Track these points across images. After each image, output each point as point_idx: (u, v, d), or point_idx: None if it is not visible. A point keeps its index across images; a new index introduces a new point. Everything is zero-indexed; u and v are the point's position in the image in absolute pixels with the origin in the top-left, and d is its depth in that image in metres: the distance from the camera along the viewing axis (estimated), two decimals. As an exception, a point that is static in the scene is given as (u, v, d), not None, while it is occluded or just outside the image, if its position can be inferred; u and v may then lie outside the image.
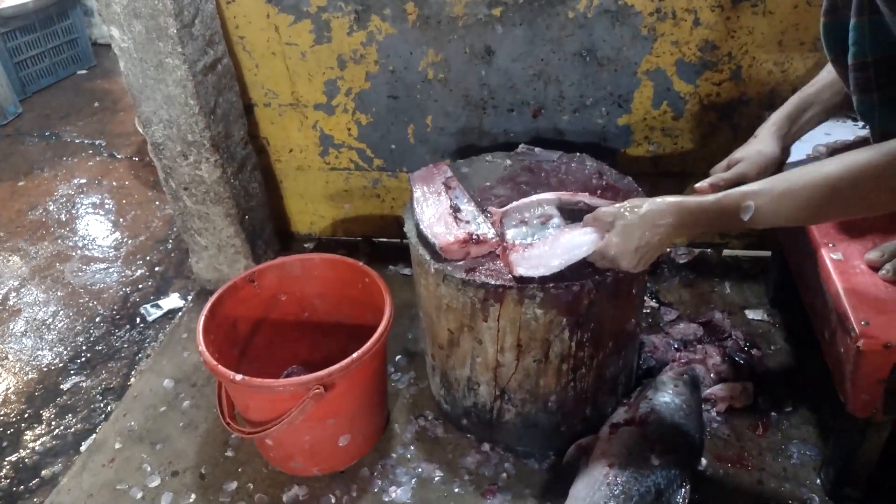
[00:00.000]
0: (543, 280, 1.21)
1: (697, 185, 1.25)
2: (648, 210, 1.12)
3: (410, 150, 1.90)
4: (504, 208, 1.38)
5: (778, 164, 1.28)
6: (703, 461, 1.41)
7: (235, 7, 1.72)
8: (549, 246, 1.26)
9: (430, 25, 1.66)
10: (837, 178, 0.95)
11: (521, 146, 1.65)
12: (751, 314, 1.77)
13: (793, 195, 1.00)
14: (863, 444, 1.22)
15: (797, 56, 1.57)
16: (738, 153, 1.31)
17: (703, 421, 1.46)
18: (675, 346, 1.67)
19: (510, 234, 1.32)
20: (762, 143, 1.29)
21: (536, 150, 1.62)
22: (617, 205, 1.18)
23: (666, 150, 1.77)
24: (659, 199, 1.13)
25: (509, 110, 1.76)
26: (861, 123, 1.52)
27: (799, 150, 1.46)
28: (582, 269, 1.22)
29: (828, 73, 1.30)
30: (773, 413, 1.50)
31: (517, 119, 1.78)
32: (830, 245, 1.23)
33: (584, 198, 1.38)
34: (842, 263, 1.19)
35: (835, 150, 1.41)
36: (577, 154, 1.59)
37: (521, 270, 1.22)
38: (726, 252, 1.96)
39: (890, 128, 1.08)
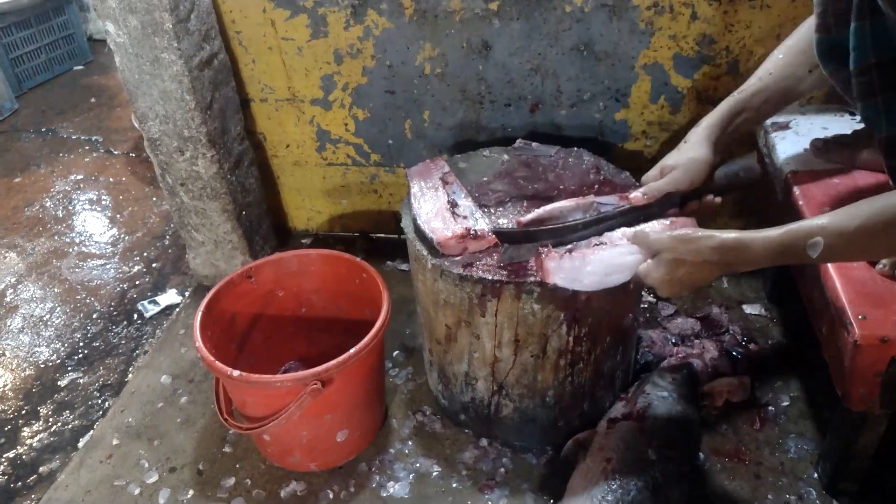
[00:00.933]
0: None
1: (631, 195, 1.25)
2: (702, 247, 1.06)
3: (408, 146, 1.89)
4: (527, 217, 1.30)
5: (711, 169, 1.26)
6: (701, 455, 1.42)
7: (231, 2, 1.71)
8: (587, 260, 1.20)
9: (427, 20, 1.65)
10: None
11: (518, 141, 1.64)
12: (748, 309, 1.77)
13: (867, 232, 0.94)
14: (859, 438, 1.23)
15: (795, 50, 1.56)
16: (670, 160, 1.28)
17: (701, 415, 1.46)
18: (673, 340, 1.67)
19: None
20: (694, 149, 1.26)
21: (534, 144, 1.62)
22: (668, 233, 1.12)
23: (664, 144, 1.77)
24: (716, 235, 1.06)
25: (507, 105, 1.76)
26: (858, 118, 1.52)
27: (795, 144, 1.46)
28: None
29: (757, 80, 1.28)
30: (770, 407, 1.51)
31: (515, 114, 1.77)
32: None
33: (613, 200, 1.31)
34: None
35: (829, 143, 1.40)
36: (575, 149, 1.58)
37: (557, 280, 1.19)
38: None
39: (895, 132, 1.06)
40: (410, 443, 1.50)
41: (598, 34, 1.61)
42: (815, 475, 1.36)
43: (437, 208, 1.36)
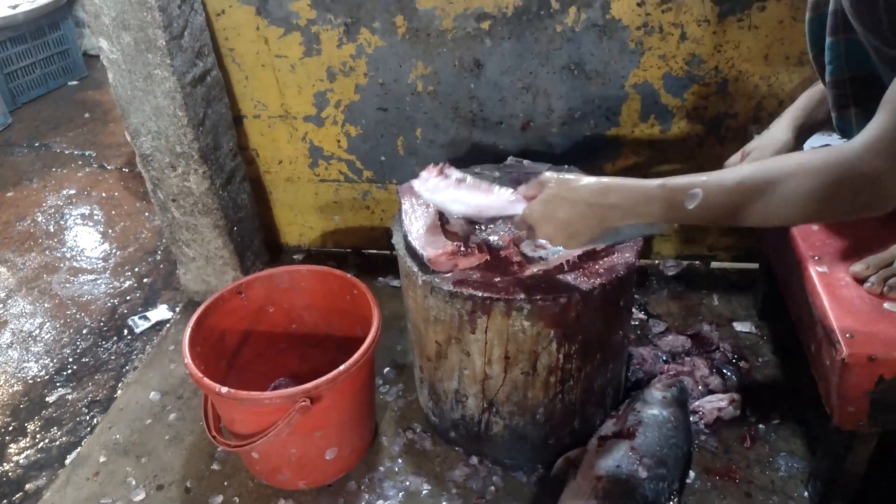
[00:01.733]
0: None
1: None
2: (577, 184, 1.04)
3: (400, 163, 1.90)
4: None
5: (789, 150, 1.26)
6: (692, 474, 1.41)
7: (225, 19, 1.72)
8: (472, 191, 1.24)
9: (419, 38, 1.67)
10: (796, 176, 0.89)
11: (509, 158, 1.65)
12: (739, 326, 1.77)
13: (746, 188, 0.92)
14: (849, 457, 1.22)
15: (783, 70, 1.58)
16: (751, 144, 1.30)
17: (692, 433, 1.46)
18: (664, 358, 1.67)
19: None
20: (775, 131, 1.28)
21: (525, 162, 1.63)
22: (555, 173, 1.09)
23: (654, 163, 1.78)
24: (595, 178, 1.05)
25: (498, 123, 1.77)
26: (846, 137, 1.54)
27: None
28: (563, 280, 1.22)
29: None
30: (760, 425, 1.51)
31: (506, 132, 1.78)
32: (816, 258, 1.23)
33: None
34: (827, 276, 1.20)
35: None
36: (566, 167, 1.59)
37: (421, 192, 1.28)
38: (714, 264, 1.97)
39: None
40: (400, 461, 1.50)
41: (588, 53, 1.62)
42: (806, 493, 1.36)
43: (427, 225, 1.36)
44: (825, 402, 1.17)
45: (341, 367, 1.27)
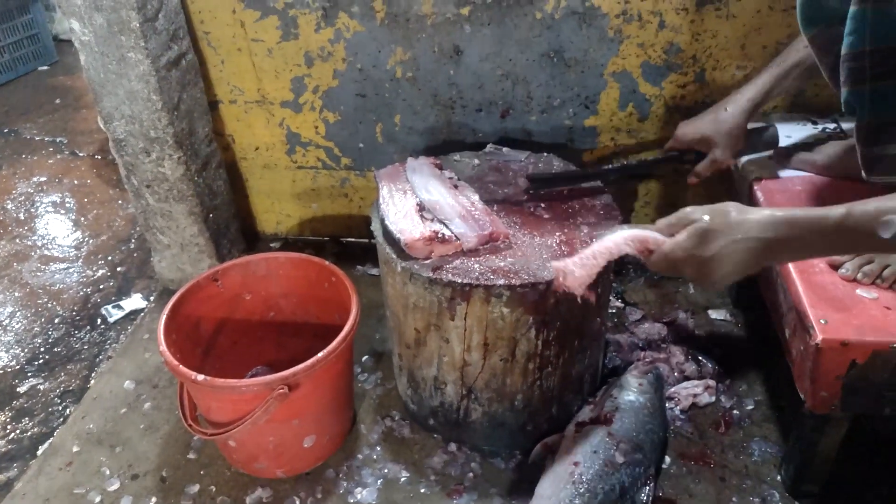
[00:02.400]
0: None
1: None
2: (747, 219, 0.93)
3: (379, 149, 1.89)
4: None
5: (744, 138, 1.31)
6: (667, 459, 1.43)
7: (201, 2, 1.69)
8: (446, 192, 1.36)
9: (398, 24, 1.65)
10: None
11: (489, 146, 1.65)
12: (713, 314, 1.79)
13: None
14: (821, 441, 1.25)
15: (760, 59, 1.60)
16: (707, 128, 1.38)
17: (667, 419, 1.48)
18: (640, 345, 1.68)
19: None
20: (732, 119, 1.34)
21: (504, 150, 1.63)
22: (708, 206, 0.98)
23: (631, 151, 1.79)
24: (762, 209, 0.94)
25: (478, 110, 1.77)
26: (821, 126, 1.55)
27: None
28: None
29: (796, 52, 1.34)
30: (735, 411, 1.53)
31: (485, 119, 1.78)
32: None
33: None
34: (801, 262, 1.21)
35: (795, 151, 1.43)
36: (545, 154, 1.60)
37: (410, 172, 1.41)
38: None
39: (878, 119, 1.06)
40: (379, 448, 1.49)
41: (568, 41, 1.62)
42: (779, 477, 1.38)
43: (405, 210, 1.35)
44: (798, 387, 1.19)
45: (319, 355, 1.26)
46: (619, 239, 1.06)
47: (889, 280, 1.14)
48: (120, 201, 2.57)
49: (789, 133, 1.53)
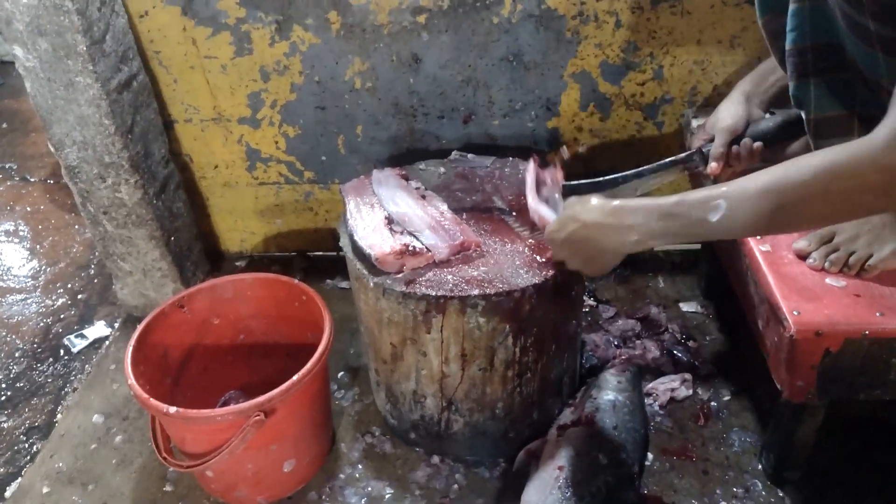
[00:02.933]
0: None
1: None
2: (591, 204, 1.04)
3: (342, 161, 1.86)
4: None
5: (745, 122, 1.27)
6: (650, 456, 1.43)
7: (149, 21, 1.65)
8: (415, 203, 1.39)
9: (354, 34, 1.63)
10: (819, 177, 0.87)
11: (454, 153, 1.64)
12: (685, 307, 1.81)
13: (770, 195, 0.90)
14: (799, 428, 1.26)
15: (715, 54, 1.61)
16: (709, 122, 1.31)
17: (647, 416, 1.48)
18: (615, 342, 1.69)
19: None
20: (728, 104, 1.29)
21: (469, 156, 1.62)
22: (577, 198, 1.10)
23: (595, 151, 1.80)
24: (612, 201, 1.04)
25: (440, 117, 1.75)
26: (780, 117, 1.57)
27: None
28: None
29: None
30: (712, 403, 1.54)
31: (448, 126, 1.77)
32: (758, 237, 1.26)
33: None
34: (770, 254, 1.22)
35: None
36: (510, 159, 1.59)
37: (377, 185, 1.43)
38: (659, 247, 2.00)
39: (823, 113, 1.08)
40: (361, 466, 1.47)
41: (526, 44, 1.62)
42: (760, 466, 1.40)
43: (373, 224, 1.33)
44: (774, 376, 1.20)
45: (295, 378, 1.23)
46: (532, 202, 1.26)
47: (855, 267, 1.15)
48: (76, 226, 2.50)
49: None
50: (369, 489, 1.42)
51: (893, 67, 0.94)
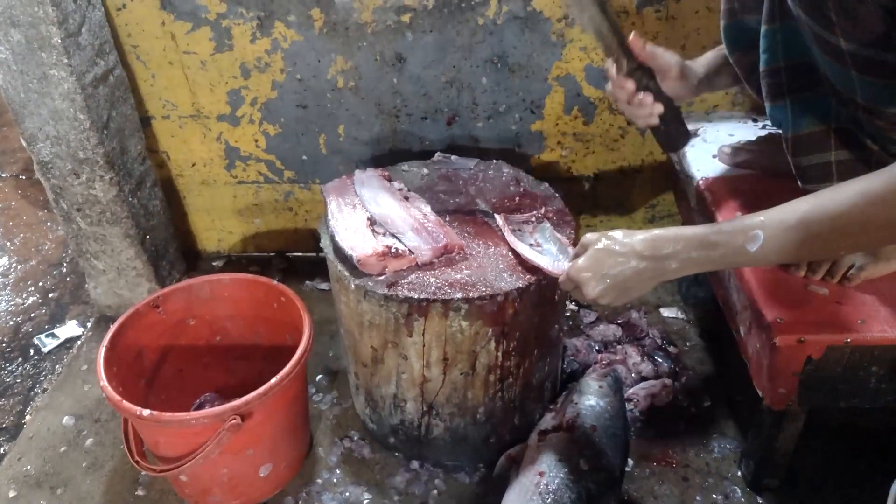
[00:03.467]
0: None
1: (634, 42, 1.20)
2: (630, 238, 1.01)
3: (323, 161, 1.84)
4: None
5: (677, 73, 1.25)
6: (630, 462, 1.43)
7: (126, 14, 1.61)
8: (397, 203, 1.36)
9: (337, 32, 1.61)
10: (858, 207, 0.86)
11: (437, 154, 1.62)
12: (666, 312, 1.81)
13: (809, 225, 0.89)
14: (779, 435, 1.26)
15: (699, 60, 1.61)
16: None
17: (628, 421, 1.48)
18: (597, 348, 1.69)
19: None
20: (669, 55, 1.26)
21: (453, 158, 1.60)
22: (600, 232, 1.06)
23: (578, 154, 1.79)
24: (644, 231, 1.01)
25: (423, 118, 1.74)
26: (761, 124, 1.58)
27: (704, 151, 1.50)
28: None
29: None
30: (693, 409, 1.54)
31: (432, 127, 1.75)
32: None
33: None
34: (753, 261, 1.22)
35: (736, 150, 1.45)
36: (494, 161, 1.58)
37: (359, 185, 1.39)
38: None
39: (800, 131, 1.11)
40: (339, 471, 1.45)
41: (511, 46, 1.61)
42: (740, 473, 1.40)
43: (355, 225, 1.31)
44: (756, 383, 1.20)
45: (272, 381, 1.21)
46: (526, 253, 1.24)
47: (838, 275, 1.16)
48: (49, 223, 2.44)
49: (732, 132, 1.55)
50: (347, 494, 1.39)
51: (869, 85, 0.95)
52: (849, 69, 0.96)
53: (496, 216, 1.37)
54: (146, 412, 1.17)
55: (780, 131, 1.14)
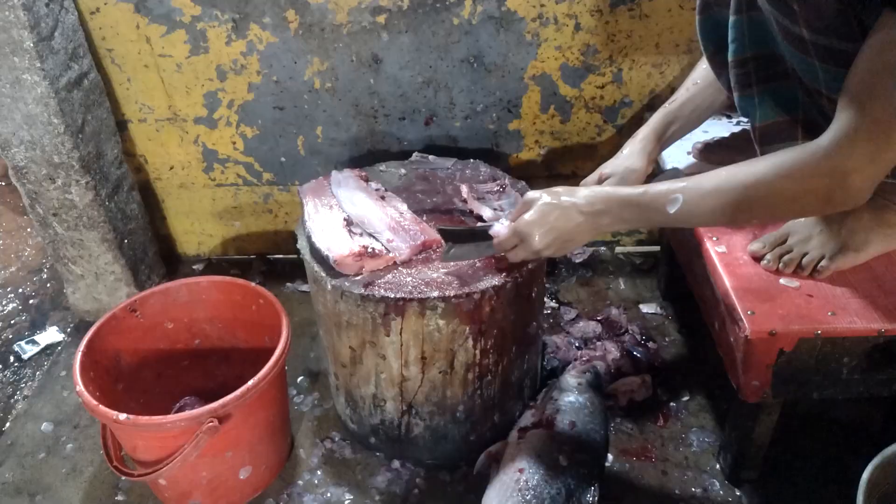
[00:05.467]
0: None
1: None
2: (574, 195, 1.10)
3: (302, 163, 1.84)
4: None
5: (644, 179, 1.33)
6: (610, 457, 1.44)
7: (100, 18, 1.60)
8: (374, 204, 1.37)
9: (313, 34, 1.61)
10: (767, 179, 0.96)
11: (415, 154, 1.63)
12: (645, 308, 1.82)
13: (722, 193, 0.99)
14: (756, 428, 1.28)
15: (673, 57, 1.63)
16: (608, 168, 1.35)
17: (608, 417, 1.49)
18: (577, 344, 1.69)
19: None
20: (630, 159, 1.34)
21: (430, 157, 1.61)
22: (526, 214, 1.13)
23: (556, 153, 1.80)
24: (585, 188, 1.11)
25: (401, 118, 1.74)
26: (735, 120, 1.60)
27: (679, 148, 1.51)
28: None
29: (685, 91, 1.37)
30: (671, 403, 1.55)
31: (409, 127, 1.75)
32: (714, 238, 1.28)
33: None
34: (726, 255, 1.24)
35: (710, 146, 1.47)
36: (471, 160, 1.58)
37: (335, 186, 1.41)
38: (619, 249, 2.02)
39: (768, 120, 1.12)
40: (320, 472, 1.45)
41: (486, 46, 1.62)
42: (718, 466, 1.41)
43: (332, 226, 1.31)
44: (731, 376, 1.21)
45: (249, 383, 1.21)
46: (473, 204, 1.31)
47: (808, 268, 1.17)
48: (28, 229, 2.42)
49: (706, 129, 1.56)
50: (328, 495, 1.39)
51: (831, 75, 0.97)
52: (812, 59, 0.98)
53: (461, 186, 1.39)
54: (122, 416, 1.16)
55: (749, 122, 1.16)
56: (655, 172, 1.40)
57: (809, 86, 1.03)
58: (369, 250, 1.24)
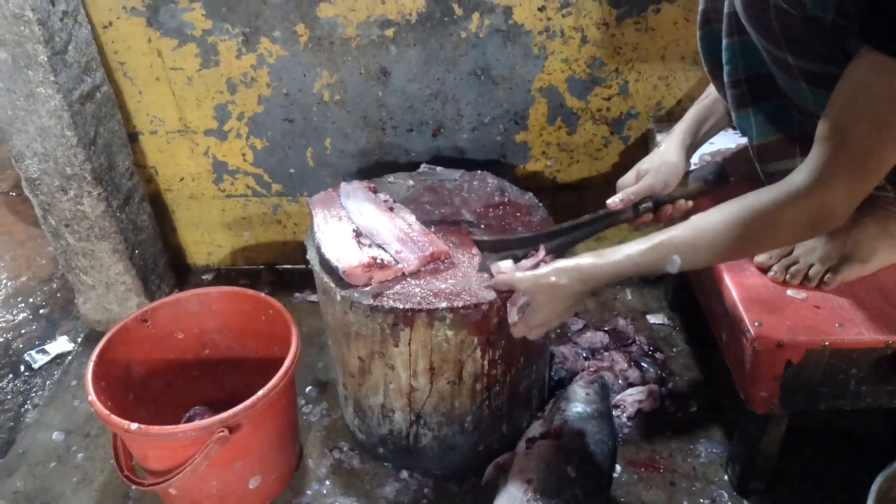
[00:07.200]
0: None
1: (609, 200, 1.25)
2: (562, 284, 1.11)
3: (310, 174, 1.85)
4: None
5: (681, 173, 1.29)
6: (618, 468, 1.44)
7: (113, 32, 1.63)
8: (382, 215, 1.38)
9: (322, 47, 1.63)
10: (742, 223, 0.98)
11: (422, 166, 1.64)
12: (652, 318, 1.83)
13: (708, 243, 1.02)
14: (763, 439, 1.28)
15: (679, 70, 1.64)
16: (644, 164, 1.32)
17: (615, 428, 1.49)
18: (584, 355, 1.70)
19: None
20: (667, 154, 1.30)
21: (438, 169, 1.62)
22: (531, 274, 1.14)
23: (563, 165, 1.81)
24: (572, 270, 1.11)
25: (409, 130, 1.75)
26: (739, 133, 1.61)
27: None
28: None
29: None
30: (679, 414, 1.55)
31: (417, 139, 1.77)
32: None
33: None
34: (734, 267, 1.24)
35: (717, 158, 1.48)
36: (479, 172, 1.60)
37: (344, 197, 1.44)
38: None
39: (765, 139, 1.14)
40: (328, 482, 1.45)
41: (493, 59, 1.63)
42: (726, 477, 1.41)
43: (341, 237, 1.33)
44: (739, 388, 1.22)
45: (260, 393, 1.22)
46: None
47: (815, 279, 1.18)
48: (39, 240, 2.44)
49: (712, 140, 1.57)
50: (337, 505, 1.40)
51: (819, 97, 0.98)
52: (800, 82, 1.00)
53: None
54: (134, 426, 1.17)
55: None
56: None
57: (801, 107, 1.05)
58: (378, 261, 1.26)
